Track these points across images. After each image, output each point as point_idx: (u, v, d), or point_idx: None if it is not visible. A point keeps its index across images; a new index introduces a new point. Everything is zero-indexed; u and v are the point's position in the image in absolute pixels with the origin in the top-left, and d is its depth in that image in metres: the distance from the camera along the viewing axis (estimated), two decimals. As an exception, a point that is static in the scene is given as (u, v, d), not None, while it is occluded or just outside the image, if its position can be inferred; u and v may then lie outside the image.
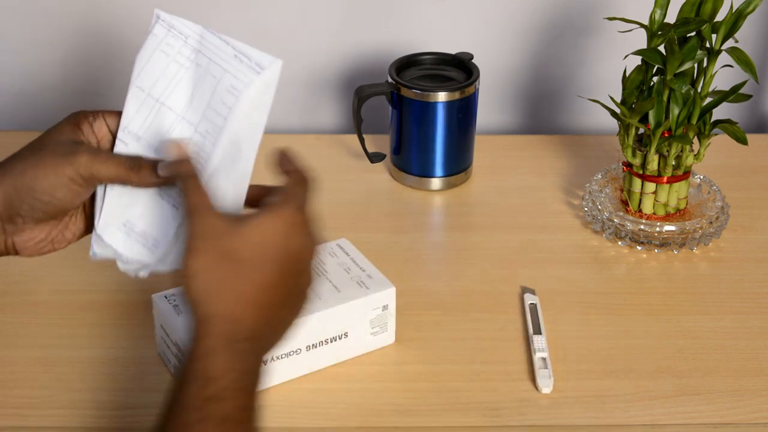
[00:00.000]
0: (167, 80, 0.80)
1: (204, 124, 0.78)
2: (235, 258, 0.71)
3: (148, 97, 0.80)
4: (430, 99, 1.21)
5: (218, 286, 0.71)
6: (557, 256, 1.13)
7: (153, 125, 0.80)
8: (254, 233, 0.72)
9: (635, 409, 0.93)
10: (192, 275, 0.71)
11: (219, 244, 0.71)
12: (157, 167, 0.78)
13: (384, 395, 0.94)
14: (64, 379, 0.95)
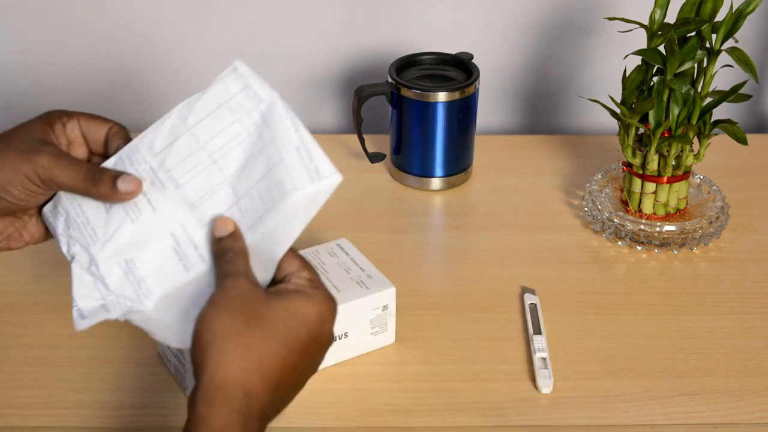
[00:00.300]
0: (226, 139, 0.76)
1: (246, 202, 0.75)
2: (265, 327, 0.69)
3: (202, 150, 0.76)
4: (430, 99, 1.21)
5: (241, 352, 0.68)
6: (557, 256, 1.13)
7: (197, 179, 0.76)
8: (290, 308, 0.70)
9: (635, 409, 0.93)
10: (214, 334, 0.68)
11: (252, 308, 0.69)
12: (117, 181, 0.75)
13: (384, 395, 0.94)
14: (64, 379, 0.95)
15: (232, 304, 0.69)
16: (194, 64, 1.39)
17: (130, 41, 1.38)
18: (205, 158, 0.76)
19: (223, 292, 0.70)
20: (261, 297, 0.70)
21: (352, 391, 0.95)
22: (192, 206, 0.76)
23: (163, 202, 0.76)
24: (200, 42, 1.38)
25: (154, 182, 0.76)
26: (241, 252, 0.72)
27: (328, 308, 0.72)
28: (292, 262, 0.74)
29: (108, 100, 1.41)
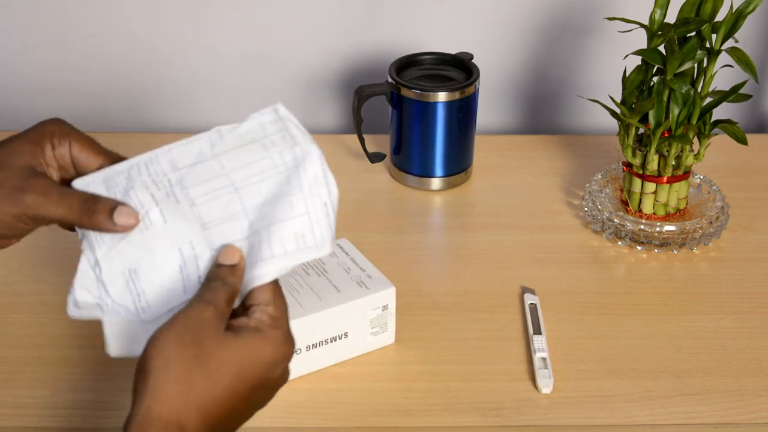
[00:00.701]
0: (253, 173, 0.76)
1: (256, 238, 0.74)
2: (212, 368, 0.68)
3: (225, 177, 0.76)
4: (430, 99, 1.21)
5: (183, 387, 0.67)
6: (557, 256, 1.13)
7: (214, 203, 0.75)
8: (244, 350, 0.69)
9: (635, 409, 0.93)
10: (160, 362, 0.67)
11: (205, 344, 0.68)
12: (114, 213, 0.73)
13: (384, 395, 0.94)
14: (64, 379, 0.95)
15: (186, 333, 0.68)
16: (194, 63, 1.39)
17: (130, 41, 1.38)
18: (227, 185, 0.75)
19: (185, 317, 0.69)
20: (218, 333, 0.69)
21: (352, 391, 0.95)
22: (204, 227, 0.75)
23: (176, 216, 0.75)
24: (200, 42, 1.38)
25: (169, 195, 0.75)
26: (231, 286, 0.72)
27: (284, 351, 0.71)
28: (262, 294, 0.73)
29: (107, 100, 1.41)
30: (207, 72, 1.40)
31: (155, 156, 0.77)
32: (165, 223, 0.74)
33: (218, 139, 0.77)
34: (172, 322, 0.69)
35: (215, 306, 0.70)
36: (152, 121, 1.43)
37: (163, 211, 0.74)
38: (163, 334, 0.68)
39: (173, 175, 0.76)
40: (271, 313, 0.72)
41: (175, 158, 0.76)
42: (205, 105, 1.41)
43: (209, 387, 0.68)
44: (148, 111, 1.42)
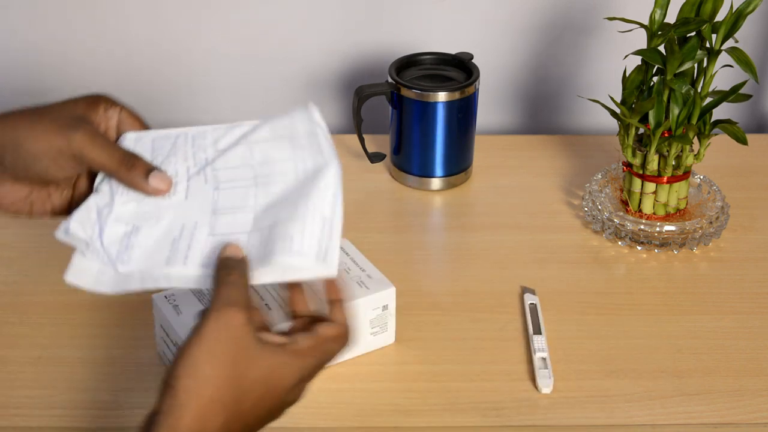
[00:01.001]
0: (275, 171, 0.77)
1: (255, 237, 0.74)
2: (242, 389, 0.69)
3: (251, 168, 0.77)
4: (430, 99, 1.21)
5: (212, 407, 0.67)
6: (557, 256, 1.13)
7: (234, 191, 0.77)
8: (271, 372, 0.70)
9: (635, 409, 0.93)
10: (196, 381, 0.67)
11: (240, 362, 0.68)
12: (150, 174, 0.76)
13: (384, 395, 0.94)
14: (64, 379, 0.95)
15: (218, 347, 0.68)
16: (194, 63, 1.39)
17: (130, 42, 1.38)
18: (249, 176, 0.77)
19: (216, 329, 0.68)
20: (250, 347, 0.69)
21: (352, 391, 0.95)
22: (214, 212, 0.76)
23: (197, 195, 0.77)
24: (200, 42, 1.38)
25: (200, 172, 0.78)
26: (246, 276, 0.72)
27: (305, 378, 0.72)
28: (342, 313, 0.74)
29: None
30: (207, 72, 1.40)
31: (204, 132, 0.80)
32: (185, 199, 0.77)
33: (257, 127, 0.79)
34: (201, 335, 0.68)
35: (243, 307, 0.69)
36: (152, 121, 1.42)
37: (190, 186, 0.77)
38: (195, 349, 0.68)
39: (212, 152, 0.78)
40: (318, 341, 0.73)
41: (220, 137, 0.79)
42: (206, 105, 1.41)
43: (236, 408, 0.69)
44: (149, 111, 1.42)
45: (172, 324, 0.92)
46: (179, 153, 0.79)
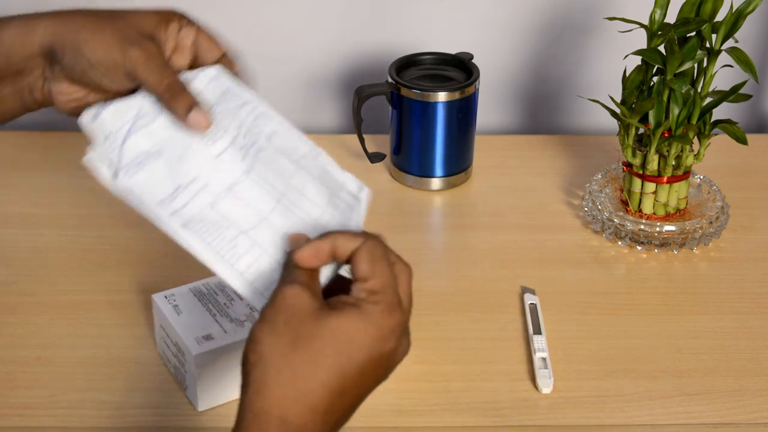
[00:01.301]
0: (301, 206, 0.77)
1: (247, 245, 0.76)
2: (313, 352, 0.66)
3: (285, 184, 0.77)
4: (430, 99, 1.21)
5: (283, 378, 0.65)
6: (557, 256, 1.13)
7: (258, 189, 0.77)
8: (343, 328, 0.67)
9: (635, 409, 0.93)
10: (258, 355, 0.66)
11: (299, 328, 0.66)
12: (192, 109, 0.74)
13: (384, 395, 0.94)
14: (64, 379, 0.95)
15: (278, 320, 0.67)
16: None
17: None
18: (279, 190, 0.77)
19: (272, 306, 0.68)
20: (311, 313, 0.67)
21: (352, 391, 0.95)
22: (229, 189, 0.76)
23: (227, 164, 0.76)
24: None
25: (243, 148, 0.77)
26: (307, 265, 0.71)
27: (391, 324, 0.68)
28: (360, 268, 0.70)
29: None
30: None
31: (271, 117, 0.78)
32: (214, 158, 0.76)
33: (313, 156, 0.78)
34: (262, 314, 0.68)
35: (299, 282, 0.68)
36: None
37: (227, 151, 0.76)
38: (258, 326, 0.68)
39: (264, 141, 0.77)
40: (370, 287, 0.69)
41: (280, 134, 0.78)
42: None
43: (311, 370, 0.66)
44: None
45: (172, 324, 0.92)
46: (237, 119, 0.78)
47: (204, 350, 0.89)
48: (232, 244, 0.75)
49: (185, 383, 0.92)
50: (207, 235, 0.75)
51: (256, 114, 0.78)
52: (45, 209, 1.19)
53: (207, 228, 0.76)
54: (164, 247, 1.13)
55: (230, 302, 0.95)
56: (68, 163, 1.27)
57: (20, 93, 0.79)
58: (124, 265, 1.10)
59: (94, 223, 1.16)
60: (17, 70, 0.77)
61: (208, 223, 0.76)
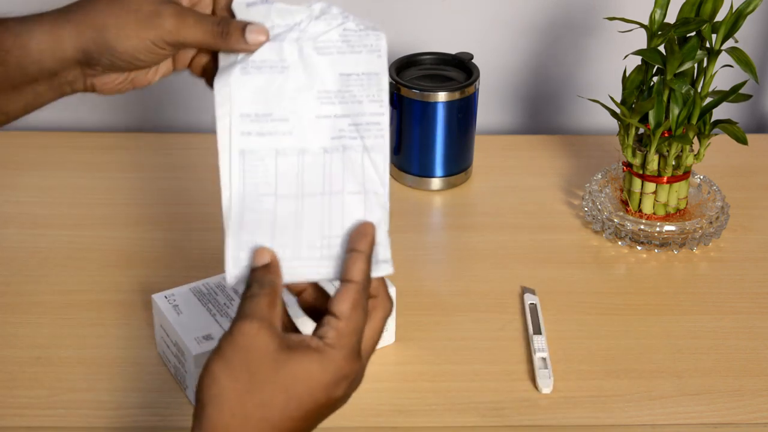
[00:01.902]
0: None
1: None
2: (266, 396, 0.66)
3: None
4: (430, 99, 1.21)
5: (237, 421, 0.66)
6: (557, 256, 1.13)
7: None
8: (300, 374, 0.67)
9: (635, 409, 0.93)
10: (213, 394, 0.66)
11: (255, 370, 0.66)
12: (246, 30, 0.72)
13: (384, 395, 0.94)
14: (64, 379, 0.95)
15: (234, 358, 0.66)
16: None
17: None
18: (353, 190, 0.75)
19: (229, 339, 0.67)
20: (268, 355, 0.67)
21: (352, 391, 0.95)
22: (326, 152, 0.74)
23: (331, 128, 0.74)
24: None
25: (350, 139, 0.75)
26: (269, 285, 0.69)
27: (347, 370, 0.68)
28: (339, 304, 0.69)
29: (107, 99, 1.41)
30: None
31: (383, 133, 0.75)
32: (315, 117, 0.74)
33: (377, 200, 0.75)
34: (219, 346, 0.67)
35: (258, 318, 0.67)
36: (153, 121, 1.43)
37: (328, 120, 0.74)
38: (214, 361, 0.67)
39: (358, 145, 0.75)
40: (341, 329, 0.68)
41: (375, 150, 0.75)
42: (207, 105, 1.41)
43: (264, 415, 0.66)
44: (150, 111, 1.42)
45: (172, 324, 0.92)
46: (357, 96, 0.75)
47: (204, 350, 0.89)
48: (258, 201, 0.73)
49: (185, 383, 0.93)
50: (249, 176, 0.74)
51: (374, 112, 0.75)
52: (45, 209, 1.19)
53: (254, 170, 0.74)
54: (164, 247, 1.13)
55: (230, 302, 0.95)
56: (68, 163, 1.28)
57: (59, 89, 0.77)
58: (124, 265, 1.10)
59: (94, 223, 1.16)
60: (52, 74, 0.76)
61: (258, 169, 0.73)
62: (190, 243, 1.13)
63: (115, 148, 1.31)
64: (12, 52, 0.74)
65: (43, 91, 0.77)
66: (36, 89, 0.77)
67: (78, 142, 1.32)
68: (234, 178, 0.73)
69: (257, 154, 0.74)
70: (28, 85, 0.76)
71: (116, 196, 1.21)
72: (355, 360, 0.69)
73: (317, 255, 0.73)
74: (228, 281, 0.73)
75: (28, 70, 0.75)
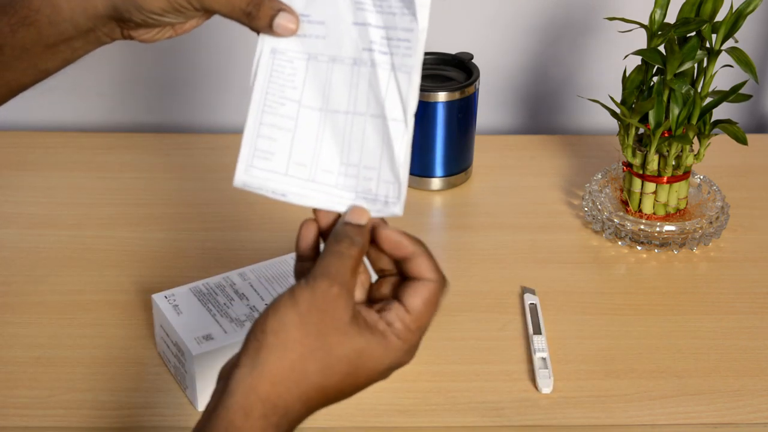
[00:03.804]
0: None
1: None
2: (328, 364, 0.65)
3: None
4: (430, 99, 1.21)
5: (296, 376, 0.65)
6: (557, 256, 1.13)
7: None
8: (364, 354, 0.66)
9: (635, 409, 0.93)
10: (280, 341, 0.64)
11: (327, 337, 0.65)
12: (275, 18, 0.71)
13: (384, 395, 0.94)
14: (64, 379, 0.95)
15: (311, 317, 0.65)
16: (196, 63, 1.39)
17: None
18: (375, 111, 0.74)
19: (310, 294, 0.66)
20: (342, 324, 0.65)
21: (352, 391, 0.95)
22: (355, 64, 0.73)
23: (364, 39, 0.72)
24: (203, 41, 1.38)
25: (381, 54, 0.73)
26: (359, 246, 0.68)
27: (400, 362, 0.68)
28: (413, 298, 0.68)
29: (108, 99, 1.41)
30: (210, 71, 1.40)
31: (417, 53, 0.74)
32: (351, 23, 0.72)
33: (396, 125, 0.74)
34: (296, 298, 0.65)
35: (339, 282, 0.66)
36: (154, 121, 1.43)
37: (362, 29, 0.72)
38: (286, 309, 0.65)
39: (386, 63, 0.74)
40: (408, 324, 0.68)
41: (407, 70, 0.75)
42: (207, 105, 1.41)
43: (320, 380, 0.65)
44: (150, 111, 1.42)
45: (172, 324, 0.92)
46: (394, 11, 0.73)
47: (204, 350, 0.89)
48: (280, 103, 0.72)
49: (185, 383, 0.93)
50: (276, 76, 0.72)
51: (405, 27, 0.73)
52: (45, 209, 1.19)
53: (282, 71, 0.72)
54: (164, 247, 1.13)
55: (230, 302, 0.95)
56: (68, 163, 1.28)
57: (96, 41, 0.78)
58: (124, 265, 1.10)
59: (94, 223, 1.16)
60: (87, 30, 0.76)
61: (286, 70, 0.72)
62: (190, 243, 1.13)
63: (115, 148, 1.31)
64: (42, 11, 0.75)
65: (80, 46, 0.78)
66: (72, 45, 0.77)
67: (78, 142, 1.32)
68: (260, 77, 0.72)
69: (287, 54, 0.72)
70: (64, 42, 0.76)
71: (116, 196, 1.21)
72: (411, 355, 0.69)
73: (332, 182, 0.72)
74: (235, 184, 0.71)
75: (61, 27, 0.75)
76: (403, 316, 0.68)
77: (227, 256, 1.11)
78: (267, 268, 0.99)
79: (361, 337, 0.66)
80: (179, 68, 1.39)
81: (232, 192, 1.23)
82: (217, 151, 1.30)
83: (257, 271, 0.99)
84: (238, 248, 1.13)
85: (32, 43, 0.77)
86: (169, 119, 1.42)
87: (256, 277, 0.98)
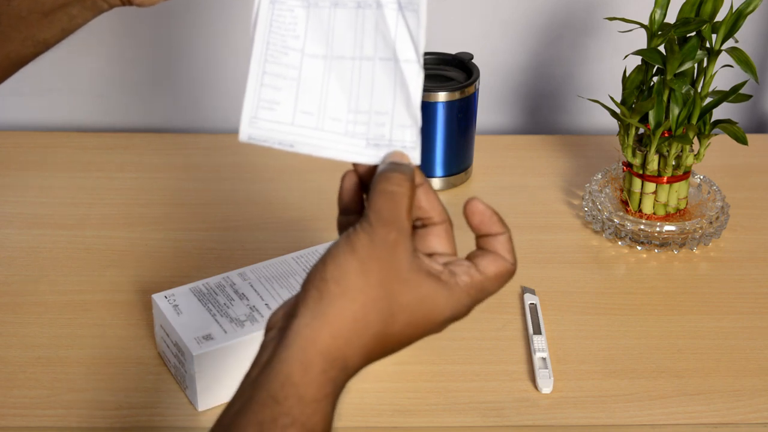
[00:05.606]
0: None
1: None
2: (390, 311, 0.63)
3: None
4: (430, 99, 1.20)
5: (358, 327, 0.62)
6: (557, 256, 1.13)
7: None
8: (426, 301, 0.64)
9: (635, 409, 0.93)
10: (342, 290, 0.62)
11: (390, 286, 0.63)
12: None
13: (384, 395, 0.94)
14: (64, 379, 0.95)
15: (372, 265, 0.62)
16: (197, 62, 1.39)
17: (132, 40, 1.38)
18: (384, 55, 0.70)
19: (370, 246, 0.63)
20: (404, 273, 0.63)
21: (352, 391, 0.94)
22: (360, 7, 0.70)
23: None
24: (203, 41, 1.38)
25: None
26: (409, 185, 0.66)
27: (460, 315, 0.66)
28: (490, 267, 0.68)
29: (107, 99, 1.41)
30: (210, 71, 1.40)
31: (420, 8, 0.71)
32: None
33: (411, 72, 0.71)
34: (353, 245, 0.63)
35: (397, 228, 0.63)
36: (153, 121, 1.43)
37: None
38: (345, 255, 0.63)
39: (394, 6, 0.70)
40: (476, 283, 0.66)
41: (412, 17, 0.71)
42: (207, 105, 1.41)
43: (381, 330, 0.63)
44: (150, 111, 1.42)
45: (172, 324, 0.92)
46: None
47: (204, 350, 0.89)
48: (282, 52, 0.70)
49: (185, 383, 0.93)
50: (276, 26, 0.70)
51: None
52: (45, 209, 1.19)
53: (281, 20, 0.70)
54: (164, 247, 1.13)
55: (230, 302, 0.95)
56: (68, 163, 1.27)
57: (94, 7, 0.76)
58: (124, 265, 1.10)
59: (94, 223, 1.16)
60: None
61: (286, 19, 0.70)
62: (190, 243, 1.13)
63: (114, 148, 1.31)
64: None
65: (77, 13, 0.76)
66: (69, 12, 0.76)
67: (78, 142, 1.32)
68: (260, 27, 0.69)
69: (287, 3, 0.70)
70: (60, 9, 0.75)
71: (116, 196, 1.21)
72: (468, 311, 0.67)
73: (341, 130, 0.70)
74: (240, 138, 0.69)
75: None
76: (474, 273, 0.67)
77: (227, 256, 1.11)
78: (267, 268, 0.99)
79: (424, 286, 0.64)
80: (179, 68, 1.39)
81: (232, 192, 1.23)
82: (217, 151, 1.30)
83: (257, 271, 0.99)
84: (238, 248, 1.13)
85: (28, 11, 0.76)
86: (168, 119, 1.42)
87: (256, 277, 0.98)
